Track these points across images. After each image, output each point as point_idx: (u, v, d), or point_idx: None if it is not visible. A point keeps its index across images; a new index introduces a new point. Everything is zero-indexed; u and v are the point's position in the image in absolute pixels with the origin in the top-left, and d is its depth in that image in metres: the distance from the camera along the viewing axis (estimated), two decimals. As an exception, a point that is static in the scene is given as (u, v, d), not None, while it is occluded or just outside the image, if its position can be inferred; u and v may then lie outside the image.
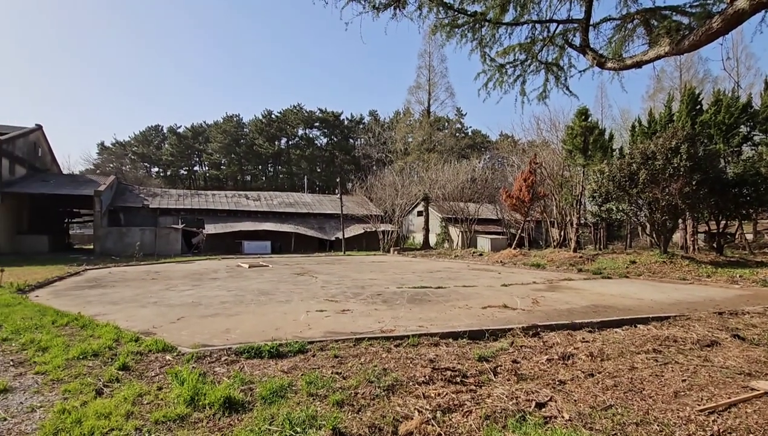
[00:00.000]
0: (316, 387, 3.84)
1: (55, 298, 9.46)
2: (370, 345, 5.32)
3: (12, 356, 4.84)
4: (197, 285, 11.79)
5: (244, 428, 3.04)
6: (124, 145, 69.77)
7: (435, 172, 34.72)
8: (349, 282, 12.59)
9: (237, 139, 67.53)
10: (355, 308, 8.13)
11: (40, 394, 3.71)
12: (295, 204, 37.52)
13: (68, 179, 31.30)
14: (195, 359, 4.70)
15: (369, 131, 46.64)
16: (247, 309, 8.08)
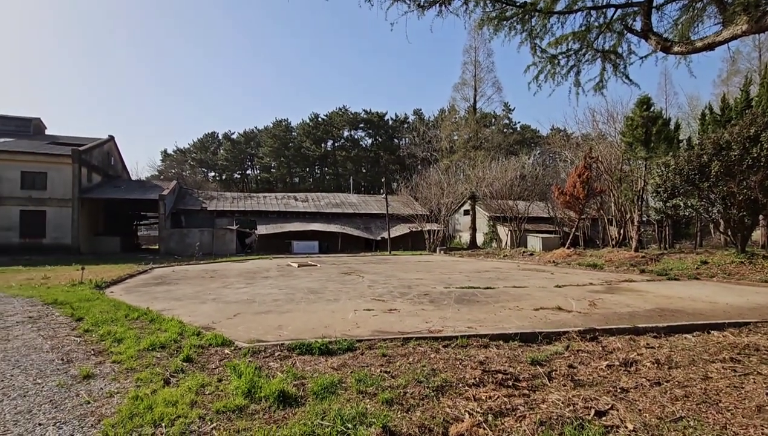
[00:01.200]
0: (366, 385, 3.88)
1: (127, 294, 10.31)
2: (417, 345, 5.29)
3: (93, 346, 5.34)
4: (251, 283, 12.36)
5: (298, 421, 3.13)
6: (184, 151, 74.77)
7: (482, 169, 33.90)
8: (396, 282, 12.62)
9: (286, 142, 70.03)
10: (402, 308, 8.14)
11: (116, 381, 4.06)
12: (342, 205, 38.24)
13: (136, 185, 34.09)
14: (251, 354, 4.92)
15: (413, 130, 46.46)
16: (298, 307, 8.34)
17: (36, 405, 3.48)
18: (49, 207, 25.44)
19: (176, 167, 71.53)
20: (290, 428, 3.00)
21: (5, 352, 5.04)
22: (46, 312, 7.56)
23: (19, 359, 4.78)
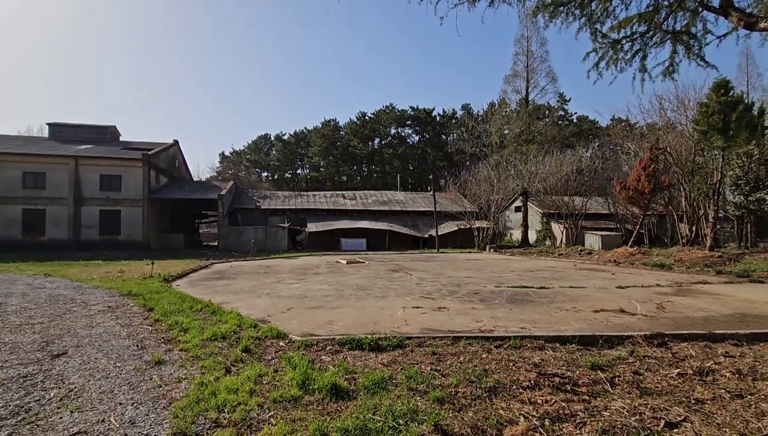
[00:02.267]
0: (416, 382, 3.87)
1: (191, 287, 11.06)
2: (468, 344, 5.19)
3: (162, 334, 5.79)
4: (302, 279, 12.78)
5: (350, 414, 3.19)
6: (240, 153, 78.79)
7: (534, 164, 32.48)
8: (444, 280, 12.48)
9: (334, 142, 71.50)
10: (451, 306, 8.02)
11: (183, 368, 4.37)
12: (389, 202, 38.42)
13: (198, 186, 36.46)
14: (304, 347, 5.09)
15: (462, 126, 45.45)
16: (347, 303, 8.50)
17: (117, 386, 3.83)
18: (123, 207, 27.93)
19: (233, 168, 75.59)
20: (343, 421, 3.06)
21: (90, 337, 5.60)
22: (123, 303, 8.31)
23: (102, 344, 5.29)
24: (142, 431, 2.96)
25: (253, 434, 2.93)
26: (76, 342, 5.36)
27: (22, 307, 7.77)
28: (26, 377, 4.06)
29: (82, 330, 6.00)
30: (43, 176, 26.86)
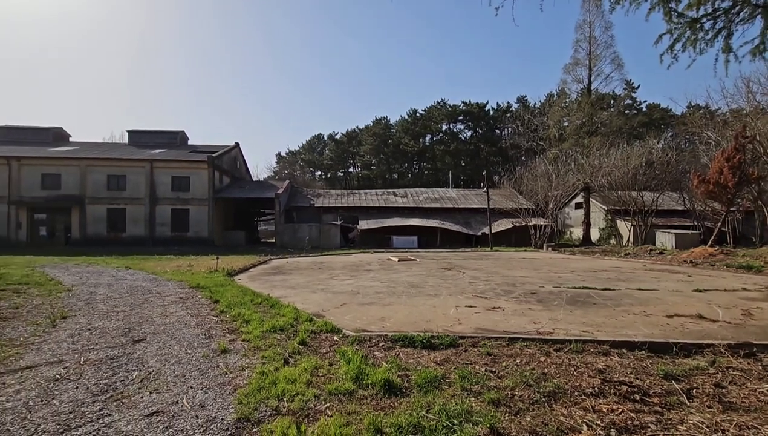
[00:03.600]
0: (470, 383, 3.80)
1: (251, 281, 11.68)
2: (525, 346, 5.00)
3: (227, 325, 6.17)
4: (354, 276, 13.01)
5: (403, 411, 3.20)
6: (295, 153, 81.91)
7: (598, 157, 30.39)
8: (499, 279, 12.11)
9: (385, 139, 71.98)
10: (506, 306, 7.77)
11: (246, 357, 4.63)
12: (440, 199, 37.99)
13: (256, 185, 38.42)
14: (357, 342, 5.18)
15: (517, 119, 43.58)
16: (399, 300, 8.52)
17: (188, 371, 4.15)
18: (191, 206, 30.16)
19: (288, 168, 78.82)
20: (396, 417, 3.07)
21: (165, 326, 6.12)
22: (192, 294, 8.97)
23: (175, 332, 5.75)
24: (211, 414, 3.18)
25: (310, 423, 3.04)
26: (153, 329, 5.87)
27: (108, 296, 8.66)
28: (113, 359, 4.52)
29: (158, 319, 6.57)
30: (124, 179, 29.72)
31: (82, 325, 6.12)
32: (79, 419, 3.11)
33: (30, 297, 8.37)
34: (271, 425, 2.97)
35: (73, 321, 6.37)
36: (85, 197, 28.90)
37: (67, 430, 2.94)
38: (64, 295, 8.71)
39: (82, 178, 29.02)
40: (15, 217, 28.13)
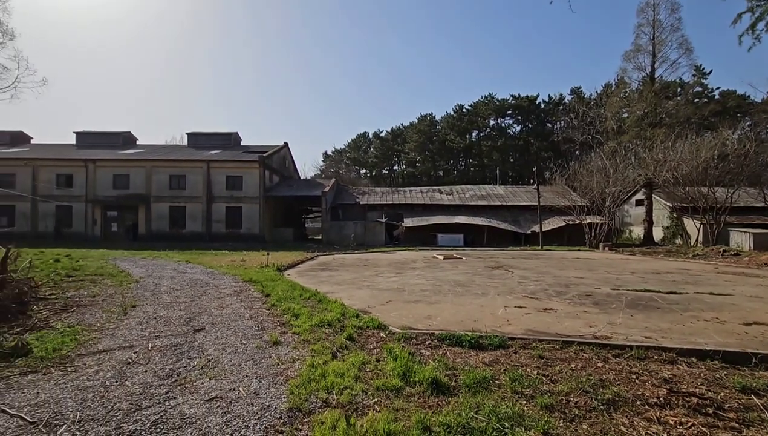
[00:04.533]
0: (521, 385, 3.67)
1: (299, 277, 12.04)
2: (580, 350, 4.75)
3: (278, 318, 6.41)
4: (400, 273, 13.03)
5: (452, 411, 3.15)
6: (341, 152, 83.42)
7: (662, 151, 28.07)
8: (550, 279, 11.60)
9: (430, 136, 71.30)
10: (559, 308, 7.42)
11: (296, 349, 4.78)
12: (487, 196, 37.05)
13: (304, 183, 39.55)
14: (403, 339, 5.18)
15: (571, 112, 41.30)
16: (445, 299, 8.42)
17: (243, 360, 4.36)
18: (244, 204, 31.63)
19: (334, 166, 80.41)
20: (445, 416, 3.03)
21: (222, 317, 6.47)
22: (245, 288, 9.42)
23: (230, 323, 6.06)
24: (265, 402, 3.32)
25: (359, 417, 3.07)
26: (211, 320, 6.23)
27: (171, 288, 9.31)
28: (176, 347, 4.85)
29: (215, 310, 6.96)
30: (184, 178, 31.76)
31: (149, 314, 6.63)
32: (148, 400, 3.37)
33: (104, 287, 9.19)
34: (322, 417, 3.05)
35: (142, 310, 6.91)
36: (150, 196, 31.24)
37: (138, 409, 3.19)
38: (133, 286, 9.48)
39: (148, 178, 31.39)
40: (91, 214, 31.02)
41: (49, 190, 30.68)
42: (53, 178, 30.97)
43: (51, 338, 5.04)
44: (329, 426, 2.86)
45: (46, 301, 7.43)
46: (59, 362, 4.30)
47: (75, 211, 30.91)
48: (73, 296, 7.98)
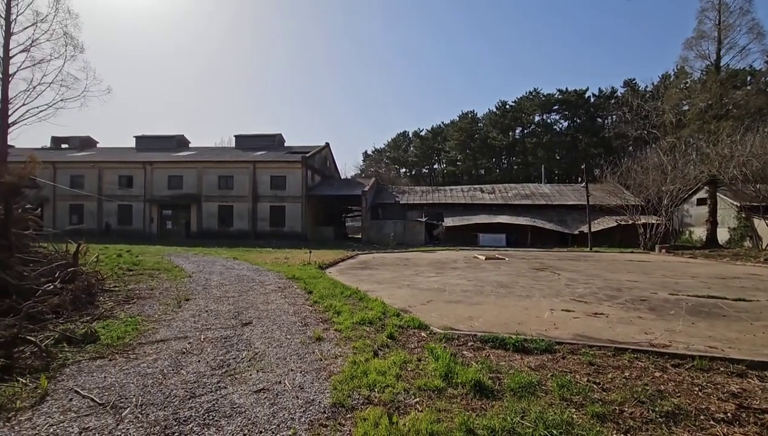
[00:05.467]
0: (570, 392, 3.52)
1: (340, 275, 12.24)
2: (635, 358, 4.48)
3: (320, 315, 6.55)
4: (440, 273, 12.89)
5: (496, 415, 3.07)
6: (380, 151, 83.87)
7: (728, 145, 25.74)
8: (600, 282, 11.02)
9: (471, 134, 69.97)
10: (610, 313, 7.03)
11: (338, 346, 4.86)
12: (532, 195, 35.80)
13: (344, 183, 40.15)
14: (445, 340, 5.12)
15: (624, 105, 38.84)
16: (487, 300, 8.23)
17: (288, 355, 4.49)
18: (287, 203, 32.62)
19: (374, 166, 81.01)
20: (489, 419, 2.96)
21: (267, 312, 6.71)
22: (288, 284, 9.70)
23: (275, 318, 6.27)
24: (309, 396, 3.40)
25: (401, 416, 3.07)
26: (258, 314, 6.47)
27: (220, 283, 9.77)
28: (226, 339, 5.08)
29: (261, 305, 7.23)
30: (232, 179, 33.25)
31: (201, 307, 7.00)
32: (201, 388, 3.55)
33: (161, 281, 9.82)
34: (364, 413, 3.07)
35: (194, 303, 7.31)
36: (201, 196, 32.99)
37: (193, 397, 3.37)
38: (186, 280, 10.05)
39: (199, 179, 33.18)
40: (149, 212, 33.26)
41: (113, 191, 33.25)
42: (116, 179, 33.52)
43: (115, 327, 5.46)
44: (372, 423, 2.88)
45: (111, 292, 8.05)
46: (123, 349, 4.64)
47: (134, 209, 33.28)
48: (134, 289, 8.59)
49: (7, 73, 19.18)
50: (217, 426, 2.93)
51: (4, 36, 19.10)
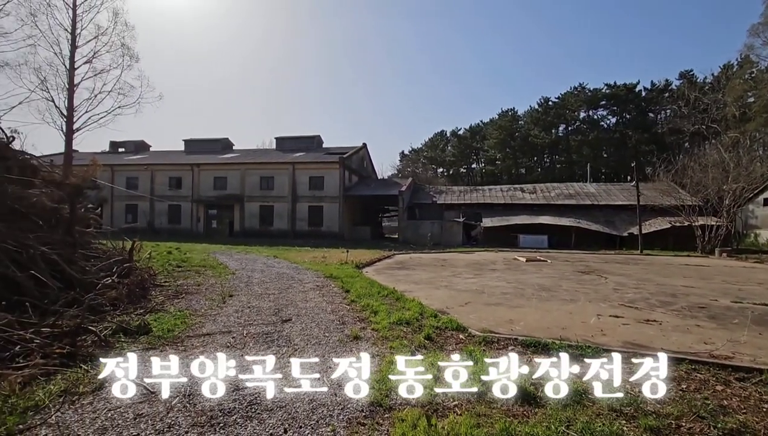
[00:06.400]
0: (620, 403, 3.33)
1: (377, 274, 12.28)
2: (693, 369, 4.17)
3: (357, 314, 6.60)
4: (478, 274, 12.63)
5: (539, 423, 2.95)
6: (417, 151, 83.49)
7: (798, 140, 23.58)
8: (653, 287, 10.36)
9: (512, 133, 68.10)
10: (664, 320, 6.59)
11: (375, 345, 4.86)
12: (576, 195, 34.30)
13: (381, 183, 40.31)
14: (484, 343, 4.99)
15: (679, 99, 36.34)
16: (528, 303, 7.96)
17: (327, 352, 4.55)
18: (324, 203, 33.24)
19: (411, 166, 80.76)
20: (532, 427, 2.85)
21: (306, 309, 6.84)
22: (326, 283, 9.85)
23: (314, 316, 6.38)
24: (347, 395, 3.41)
25: (440, 419, 3.02)
26: (297, 312, 6.62)
27: (261, 280, 10.10)
28: (267, 335, 5.23)
29: (300, 303, 7.39)
30: (272, 180, 34.33)
31: (243, 303, 7.26)
32: (244, 382, 3.66)
33: (207, 277, 10.28)
34: (402, 414, 3.05)
35: (237, 299, 7.59)
36: (244, 196, 34.31)
37: (236, 390, 3.49)
38: (230, 277, 10.47)
39: (242, 179, 34.53)
40: (196, 212, 35.02)
41: (163, 191, 35.31)
42: (166, 180, 35.56)
43: (166, 320, 5.76)
44: (410, 424, 2.86)
45: (162, 287, 8.53)
46: (173, 341, 4.90)
47: (183, 209, 35.15)
48: (182, 284, 9.05)
49: (72, 84, 20.85)
50: (259, 419, 3.02)
51: (71, 49, 20.76)
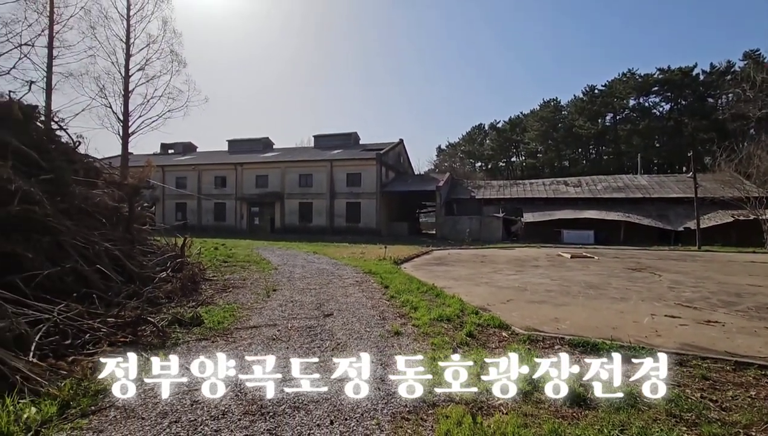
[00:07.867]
0: (679, 408, 3.13)
1: (415, 270, 12.24)
2: (762, 375, 3.86)
3: (397, 309, 6.62)
4: (520, 271, 12.28)
5: (590, 425, 2.84)
6: (455, 145, 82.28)
7: None
8: (713, 286, 9.64)
9: (554, 124, 65.48)
10: (727, 321, 6.11)
11: (417, 341, 4.86)
12: (626, 188, 32.45)
13: (418, 179, 40.05)
14: (528, 341, 4.86)
15: (743, 82, 33.32)
16: (575, 301, 7.66)
17: (368, 347, 4.61)
18: (362, 199, 33.54)
19: (448, 160, 79.71)
20: (582, 430, 2.75)
21: (347, 304, 6.95)
22: (365, 279, 9.95)
23: (354, 311, 6.47)
24: (390, 389, 3.45)
25: (485, 417, 2.98)
26: (338, 307, 6.74)
27: (303, 275, 10.36)
28: (310, 329, 5.37)
29: (341, 298, 7.51)
30: (311, 177, 35.08)
31: (286, 297, 7.49)
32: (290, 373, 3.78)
33: (251, 272, 10.69)
34: (446, 411, 3.04)
35: (280, 294, 7.84)
36: (284, 193, 35.33)
37: (283, 381, 3.61)
38: (273, 272, 10.82)
39: (282, 177, 35.55)
40: (239, 209, 36.51)
41: (209, 190, 37.04)
42: (212, 179, 37.29)
43: (216, 313, 6.06)
44: (455, 421, 2.84)
45: (210, 281, 8.98)
46: (222, 333, 5.14)
47: (227, 207, 36.73)
48: (229, 279, 9.47)
49: (127, 90, 22.31)
50: (306, 410, 3.11)
51: (125, 58, 22.20)
